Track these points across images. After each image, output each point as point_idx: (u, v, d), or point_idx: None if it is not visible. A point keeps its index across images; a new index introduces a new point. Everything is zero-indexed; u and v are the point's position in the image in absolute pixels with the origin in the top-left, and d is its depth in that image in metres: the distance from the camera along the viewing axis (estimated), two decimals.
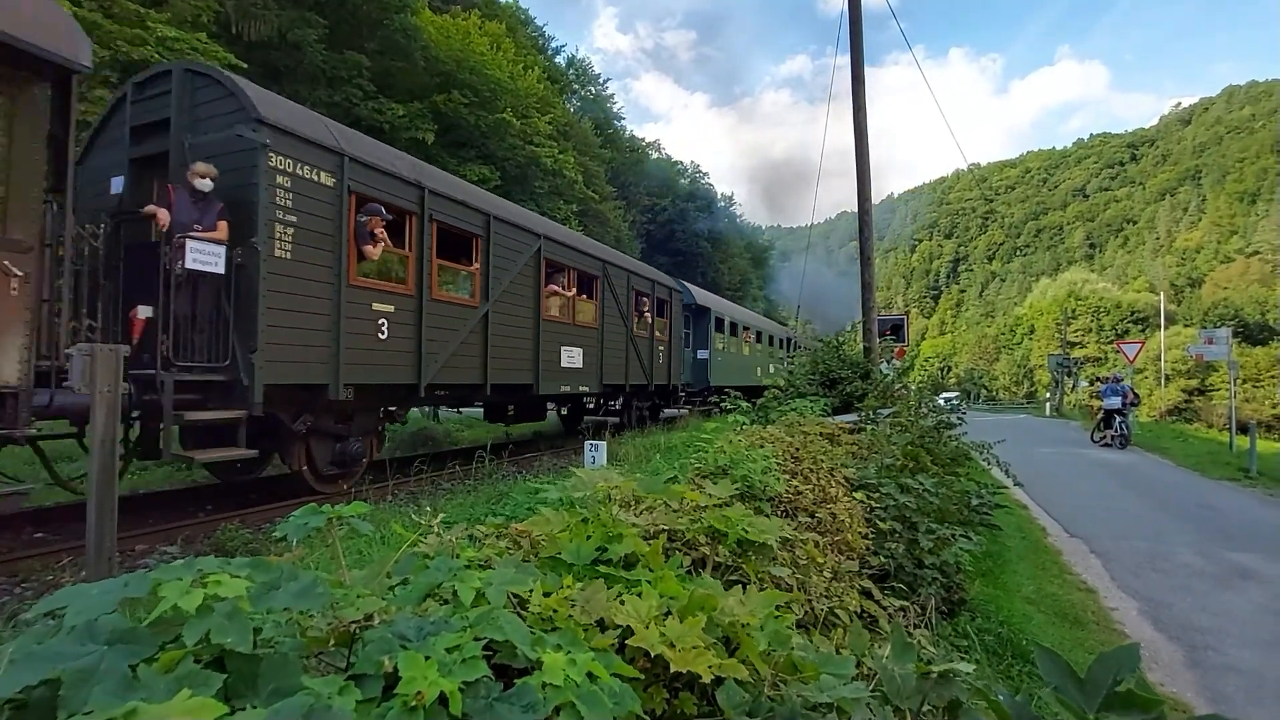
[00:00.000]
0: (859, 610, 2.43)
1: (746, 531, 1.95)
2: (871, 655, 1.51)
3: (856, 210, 12.36)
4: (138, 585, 0.90)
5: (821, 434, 5.15)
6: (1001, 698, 1.05)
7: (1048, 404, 44.09)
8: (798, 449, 3.91)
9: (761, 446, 3.33)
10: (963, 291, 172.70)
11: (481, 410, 12.92)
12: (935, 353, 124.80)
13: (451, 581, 1.21)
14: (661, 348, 15.34)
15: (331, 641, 1.06)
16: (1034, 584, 5.83)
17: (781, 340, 27.06)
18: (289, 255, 6.59)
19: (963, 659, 2.48)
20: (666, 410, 16.96)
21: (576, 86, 45.68)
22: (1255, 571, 6.42)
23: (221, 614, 0.85)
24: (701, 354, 18.28)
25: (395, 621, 1.02)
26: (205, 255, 5.94)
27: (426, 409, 14.80)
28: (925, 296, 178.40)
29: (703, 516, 2.01)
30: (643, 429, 13.28)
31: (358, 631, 1.04)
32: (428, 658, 0.89)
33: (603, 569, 1.53)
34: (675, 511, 2.07)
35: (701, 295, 18.99)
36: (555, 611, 1.26)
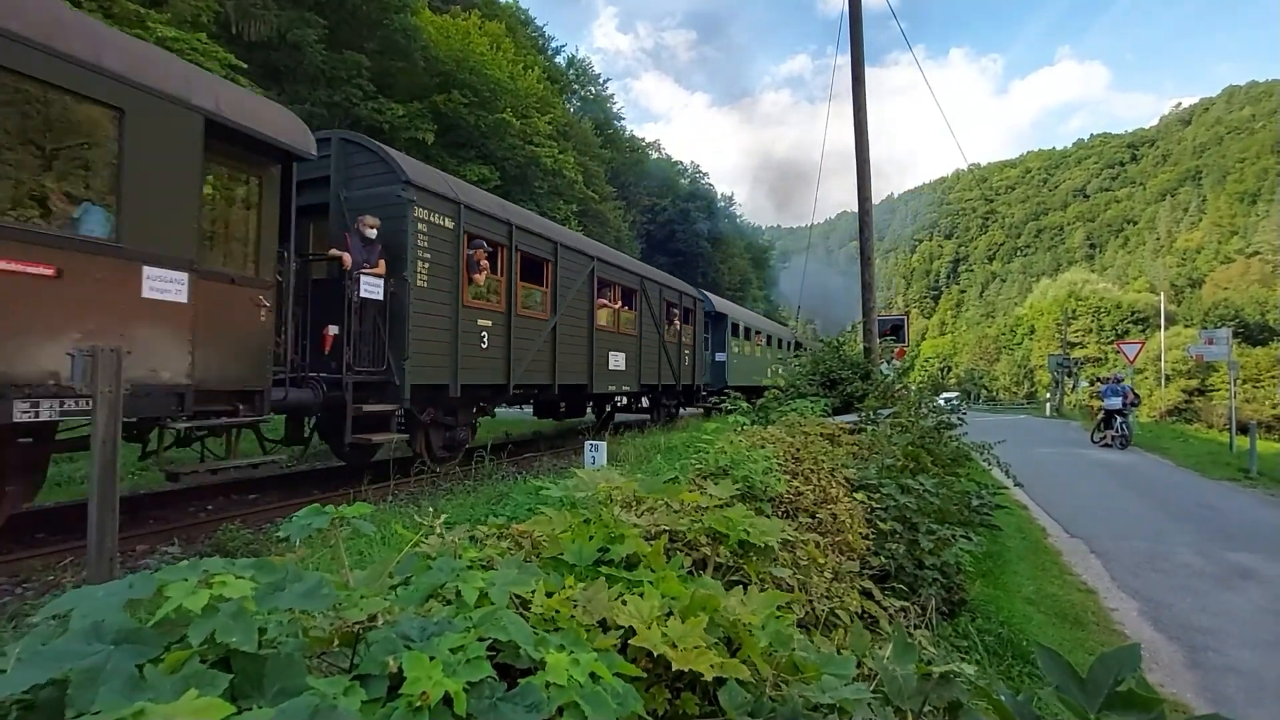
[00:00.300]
0: (860, 611, 2.44)
1: (748, 533, 1.95)
2: (872, 656, 1.52)
3: (857, 210, 12.37)
4: (143, 586, 0.91)
5: (822, 434, 5.15)
6: (1003, 697, 1.06)
7: (1048, 404, 44.09)
8: (798, 449, 3.91)
9: (762, 447, 3.34)
10: (963, 292, 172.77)
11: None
12: (935, 353, 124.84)
13: (454, 582, 1.22)
14: (687, 351, 17.07)
15: (335, 642, 1.07)
16: (1034, 584, 5.84)
17: (788, 343, 27.70)
18: (426, 284, 8.38)
19: (963, 659, 2.48)
20: (688, 408, 18.06)
21: (576, 87, 45.69)
22: (1255, 571, 6.43)
23: (227, 614, 0.86)
24: (720, 356, 19.72)
25: (399, 622, 1.03)
26: (372, 287, 7.67)
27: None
28: (925, 297, 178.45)
29: (704, 517, 2.02)
30: (671, 423, 14.52)
31: (361, 632, 1.05)
32: (432, 658, 0.89)
33: (605, 569, 1.53)
34: (676, 512, 2.08)
35: (720, 303, 20.37)
36: (558, 612, 1.27)
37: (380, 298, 7.75)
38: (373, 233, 7.75)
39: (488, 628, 1.01)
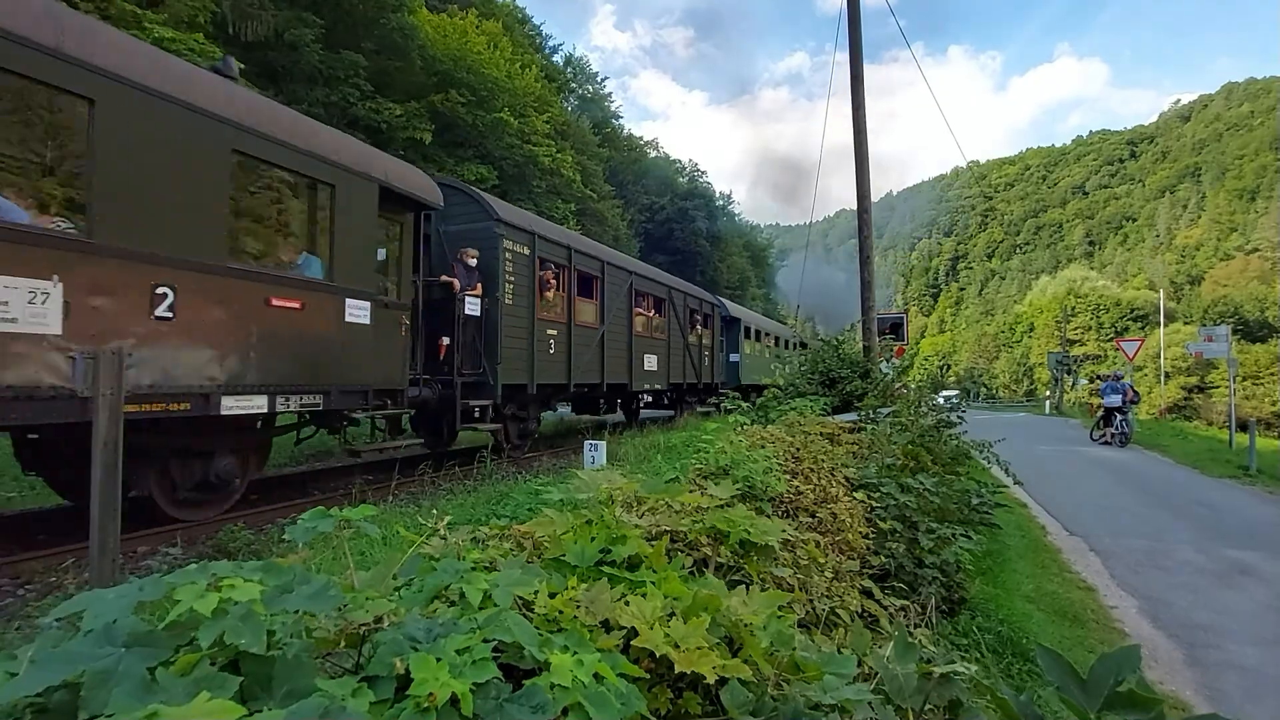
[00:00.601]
0: (860, 610, 2.45)
1: (749, 532, 1.96)
2: (873, 655, 1.53)
3: (855, 208, 12.38)
4: (153, 589, 0.92)
5: (822, 433, 5.16)
6: (1006, 696, 1.07)
7: (1047, 402, 44.14)
8: (798, 449, 3.92)
9: (762, 447, 3.35)
10: (962, 290, 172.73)
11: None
12: (935, 351, 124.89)
13: (458, 583, 1.23)
14: (706, 353, 18.92)
15: (341, 643, 1.08)
16: (1034, 582, 5.85)
17: (793, 343, 28.56)
18: (511, 302, 10.05)
19: (963, 658, 2.50)
20: (706, 404, 19.24)
21: (574, 85, 45.64)
22: (1255, 569, 6.44)
23: (236, 616, 0.87)
24: (734, 357, 21.46)
25: (405, 623, 1.04)
26: (474, 305, 9.30)
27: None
28: (924, 295, 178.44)
29: (705, 517, 2.03)
30: (692, 414, 16.60)
31: (367, 633, 1.06)
32: (438, 659, 0.90)
33: (607, 570, 1.54)
34: (677, 513, 2.09)
35: (734, 309, 22.40)
36: (561, 613, 1.28)
37: (479, 314, 9.40)
38: (473, 261, 9.41)
39: (492, 629, 1.02)
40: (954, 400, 8.20)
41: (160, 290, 5.37)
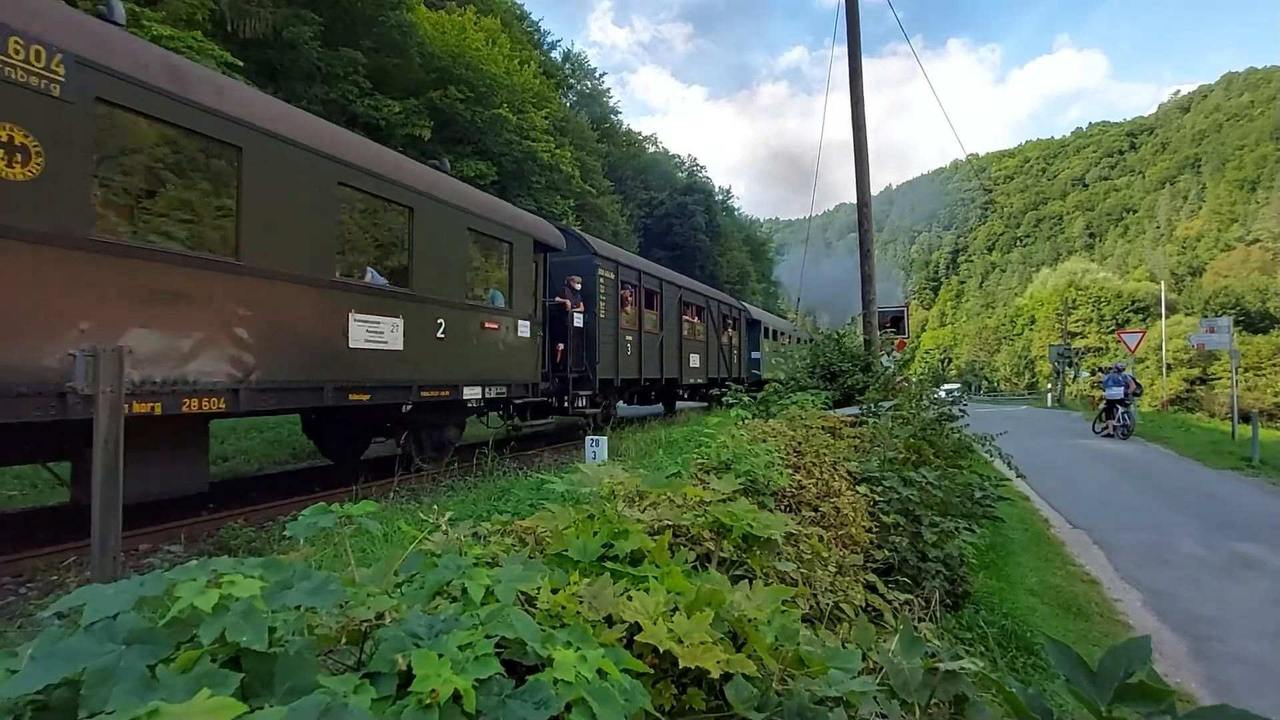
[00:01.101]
0: (864, 604, 2.44)
1: (752, 526, 1.95)
2: (877, 649, 1.52)
3: (855, 202, 12.34)
4: (153, 585, 0.91)
5: (823, 427, 5.15)
6: (1014, 689, 1.06)
7: (1049, 395, 44.11)
8: (800, 443, 3.91)
9: (764, 441, 3.34)
10: (962, 283, 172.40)
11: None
12: (935, 344, 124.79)
13: (460, 579, 1.22)
14: (735, 351, 22.10)
15: (343, 640, 1.07)
16: (1037, 576, 5.85)
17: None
18: (603, 316, 12.91)
19: (968, 652, 2.49)
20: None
21: (573, 81, 45.50)
22: (1259, 561, 6.44)
23: (237, 613, 0.86)
24: (755, 354, 24.29)
25: (406, 619, 1.03)
26: (579, 319, 12.09)
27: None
28: (925, 288, 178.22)
29: (707, 511, 2.02)
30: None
31: (368, 630, 1.05)
32: (441, 655, 0.89)
33: (609, 565, 1.53)
34: (680, 507, 2.08)
35: (755, 312, 25.61)
36: (563, 608, 1.27)
37: (582, 326, 12.18)
38: (577, 285, 12.20)
39: (495, 625, 1.02)
40: (955, 394, 8.20)
41: (439, 320, 8.50)
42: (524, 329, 10.27)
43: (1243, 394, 38.14)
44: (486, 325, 9.39)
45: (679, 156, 60.90)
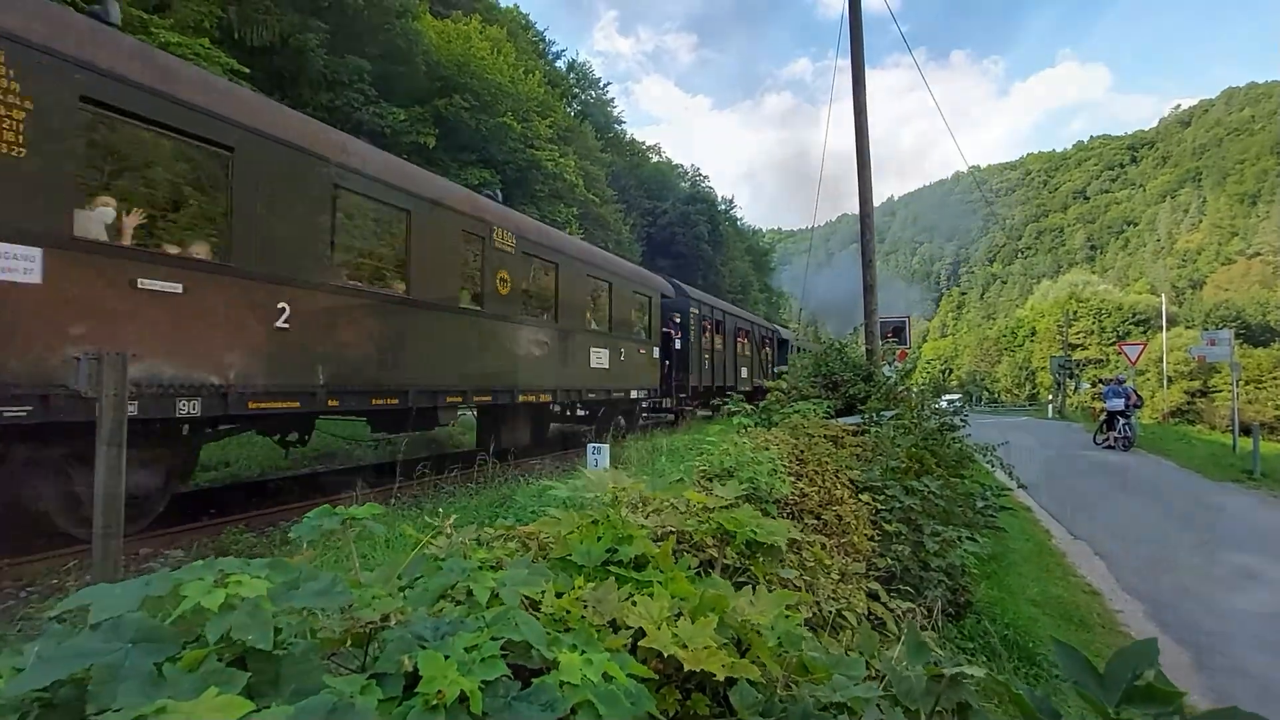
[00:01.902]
0: (866, 612, 2.44)
1: (755, 533, 1.95)
2: (880, 657, 1.52)
3: (858, 213, 12.37)
4: (160, 584, 0.91)
5: (825, 436, 5.14)
6: (1021, 692, 1.05)
7: (1050, 406, 43.98)
8: (802, 451, 3.91)
9: (766, 449, 3.34)
10: (964, 294, 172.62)
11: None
12: (936, 355, 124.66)
13: (465, 582, 1.22)
14: (770, 364, 26.53)
15: (347, 642, 1.07)
16: (1039, 586, 5.83)
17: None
18: (693, 341, 17.18)
19: (970, 661, 2.47)
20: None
21: (577, 90, 45.69)
22: (1260, 573, 6.41)
23: (243, 612, 0.86)
24: (783, 368, 25.23)
25: (412, 622, 1.03)
26: (678, 345, 16.50)
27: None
28: (926, 299, 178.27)
29: (711, 518, 2.01)
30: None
31: (373, 632, 1.05)
32: (447, 657, 0.89)
33: (613, 570, 1.53)
34: (683, 513, 2.07)
35: (784, 332, 30.65)
36: (568, 612, 1.27)
37: (680, 349, 16.55)
38: (677, 320, 16.49)
39: (501, 627, 1.02)
40: (956, 404, 8.18)
41: (621, 349, 13.18)
42: (655, 353, 15.21)
43: (1243, 407, 38.08)
44: (640, 351, 14.25)
45: (682, 166, 61.08)
